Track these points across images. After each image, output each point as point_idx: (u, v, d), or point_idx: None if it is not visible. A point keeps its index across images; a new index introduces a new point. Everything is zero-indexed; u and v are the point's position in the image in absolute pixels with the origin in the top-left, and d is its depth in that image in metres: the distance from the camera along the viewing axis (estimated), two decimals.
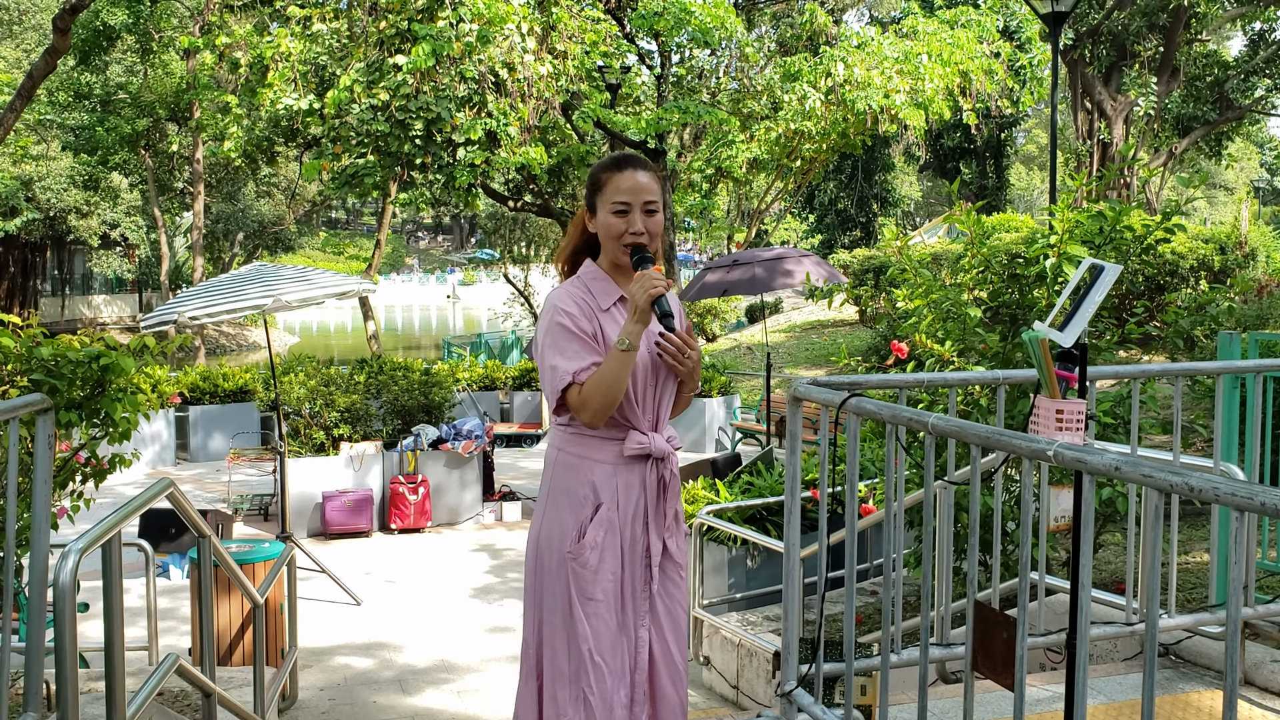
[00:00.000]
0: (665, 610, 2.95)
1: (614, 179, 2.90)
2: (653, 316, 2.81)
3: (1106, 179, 5.86)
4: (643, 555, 2.92)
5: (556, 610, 2.85)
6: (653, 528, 2.93)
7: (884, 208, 38.44)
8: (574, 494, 2.87)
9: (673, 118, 16.72)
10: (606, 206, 2.90)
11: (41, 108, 30.11)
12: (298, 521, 9.81)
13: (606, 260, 2.97)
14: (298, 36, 16.01)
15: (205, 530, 3.89)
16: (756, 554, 7.19)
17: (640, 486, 2.90)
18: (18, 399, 3.05)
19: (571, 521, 2.86)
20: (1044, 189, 65.06)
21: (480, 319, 52.29)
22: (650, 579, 2.93)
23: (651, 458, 2.91)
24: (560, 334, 2.84)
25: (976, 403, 5.53)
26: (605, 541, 2.84)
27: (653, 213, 2.89)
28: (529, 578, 2.94)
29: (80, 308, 42.01)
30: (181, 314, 8.41)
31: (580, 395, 2.78)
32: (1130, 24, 27.73)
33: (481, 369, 16.26)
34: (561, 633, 2.84)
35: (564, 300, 2.89)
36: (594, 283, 2.94)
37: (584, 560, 2.82)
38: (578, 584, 2.83)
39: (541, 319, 2.93)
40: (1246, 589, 3.86)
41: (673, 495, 2.97)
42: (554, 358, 2.81)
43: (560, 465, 2.92)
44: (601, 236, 2.94)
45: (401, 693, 6.25)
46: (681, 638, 3.00)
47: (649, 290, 2.77)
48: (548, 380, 2.84)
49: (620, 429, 2.89)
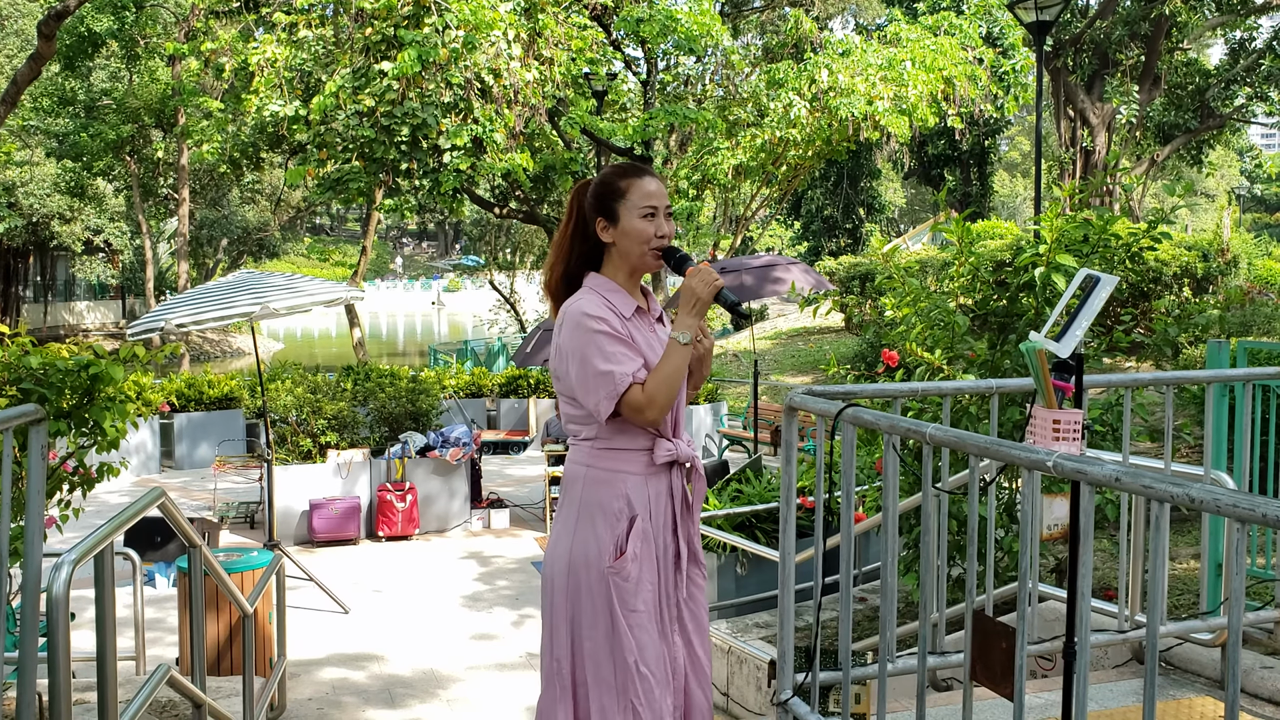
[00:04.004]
0: (692, 615, 2.99)
1: (637, 184, 2.92)
2: (706, 311, 2.86)
3: (1092, 187, 5.89)
4: (673, 561, 2.94)
5: (599, 625, 2.84)
6: (681, 533, 2.96)
7: (870, 214, 38.56)
8: (608, 508, 2.86)
9: (659, 122, 16.74)
10: (634, 211, 2.90)
11: (25, 113, 29.95)
12: (284, 529, 9.77)
13: (622, 268, 2.96)
14: (283, 43, 15.96)
15: (196, 540, 3.87)
16: (746, 561, 7.20)
17: (668, 494, 2.93)
18: (11, 410, 3.03)
19: (609, 536, 2.85)
20: (1027, 195, 65.36)
21: (465, 325, 52.21)
22: (679, 584, 2.96)
23: (678, 463, 2.94)
24: (605, 340, 2.81)
25: (966, 410, 5.55)
26: (643, 552, 2.85)
27: (671, 216, 2.95)
28: (559, 596, 2.90)
29: (63, 314, 41.75)
30: (168, 321, 8.37)
31: (645, 394, 2.78)
32: (1112, 32, 27.90)
33: (468, 376, 16.23)
34: (605, 646, 2.83)
35: (594, 308, 2.86)
36: (611, 294, 2.93)
37: (626, 574, 2.82)
38: (620, 597, 2.82)
39: (570, 332, 2.87)
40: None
41: (698, 499, 3.00)
42: (603, 364, 2.79)
43: (591, 481, 2.89)
44: (625, 243, 2.92)
45: (390, 702, 6.23)
46: (706, 640, 3.03)
47: (711, 283, 2.82)
48: (599, 387, 2.79)
49: (647, 437, 2.89)
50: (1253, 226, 48.54)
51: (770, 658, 5.33)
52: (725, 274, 12.03)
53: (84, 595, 5.95)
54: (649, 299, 3.06)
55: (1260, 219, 57.49)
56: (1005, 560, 5.29)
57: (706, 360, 3.02)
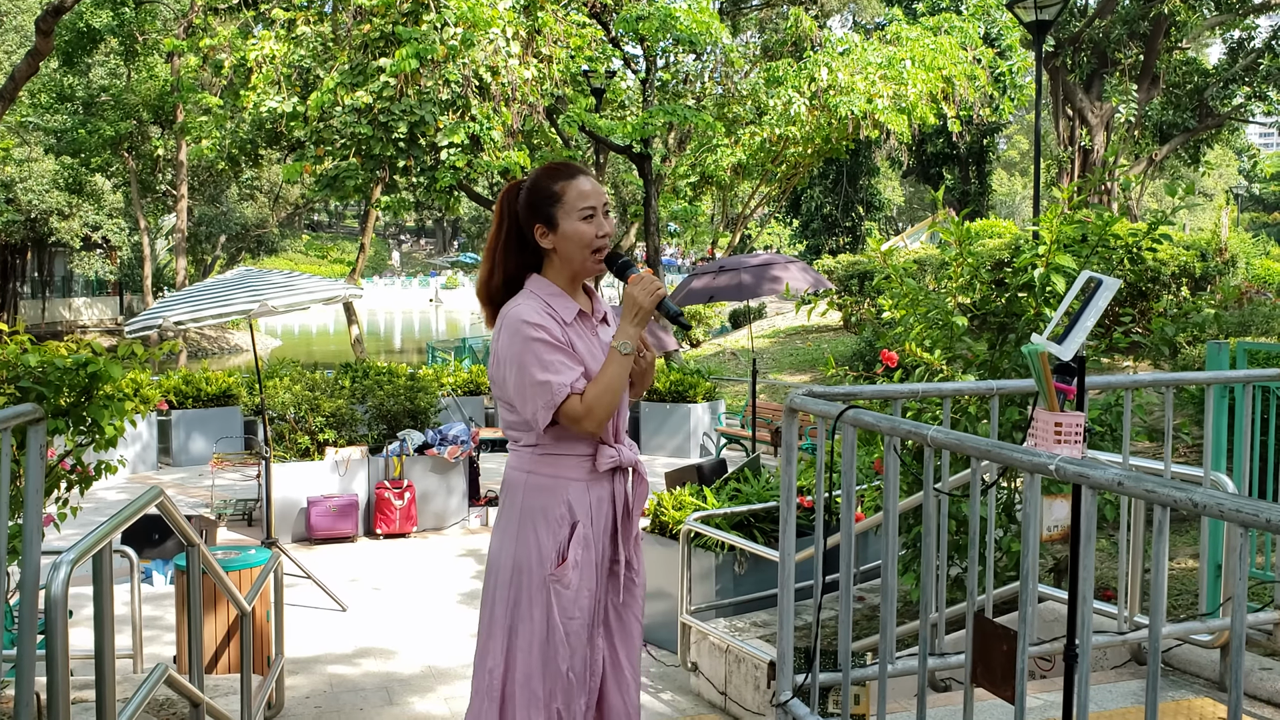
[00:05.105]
0: (619, 620, 2.95)
1: (571, 185, 2.84)
2: (650, 320, 2.81)
3: (1089, 186, 5.88)
4: (609, 567, 2.90)
5: (534, 634, 2.80)
6: (621, 540, 2.91)
7: (869, 212, 38.57)
8: (550, 514, 2.81)
9: (658, 121, 16.73)
10: (573, 214, 2.82)
11: (24, 109, 29.91)
12: (282, 527, 9.76)
13: (564, 273, 2.89)
14: (281, 39, 15.96)
15: (194, 539, 3.86)
16: (744, 560, 7.19)
17: (610, 500, 2.88)
18: (10, 409, 3.02)
19: (550, 544, 2.80)
20: (1025, 195, 65.39)
21: (463, 323, 52.18)
22: (616, 590, 2.92)
23: (620, 469, 2.89)
24: (542, 349, 2.75)
25: (965, 410, 5.55)
26: (583, 559, 2.81)
27: (609, 214, 2.89)
28: (500, 606, 2.85)
29: (61, 310, 41.70)
30: (166, 318, 8.36)
31: (583, 404, 2.74)
32: (1111, 32, 27.92)
33: (466, 374, 16.21)
34: (538, 656, 2.79)
35: (531, 315, 2.79)
36: (552, 298, 2.85)
37: (566, 581, 2.79)
38: (560, 604, 2.79)
39: (505, 338, 2.81)
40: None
41: (639, 503, 2.95)
42: (540, 374, 2.73)
43: (532, 488, 2.84)
44: (566, 247, 2.84)
45: (388, 699, 6.23)
46: (634, 649, 2.98)
47: (654, 292, 2.77)
48: (536, 396, 2.74)
49: (589, 444, 2.84)
50: (1250, 226, 48.60)
51: (769, 658, 5.33)
52: (724, 272, 12.03)
53: (82, 593, 5.95)
54: (593, 299, 2.99)
55: (1258, 218, 57.52)
56: (1004, 560, 5.29)
57: (649, 374, 2.94)
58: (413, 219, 75.71)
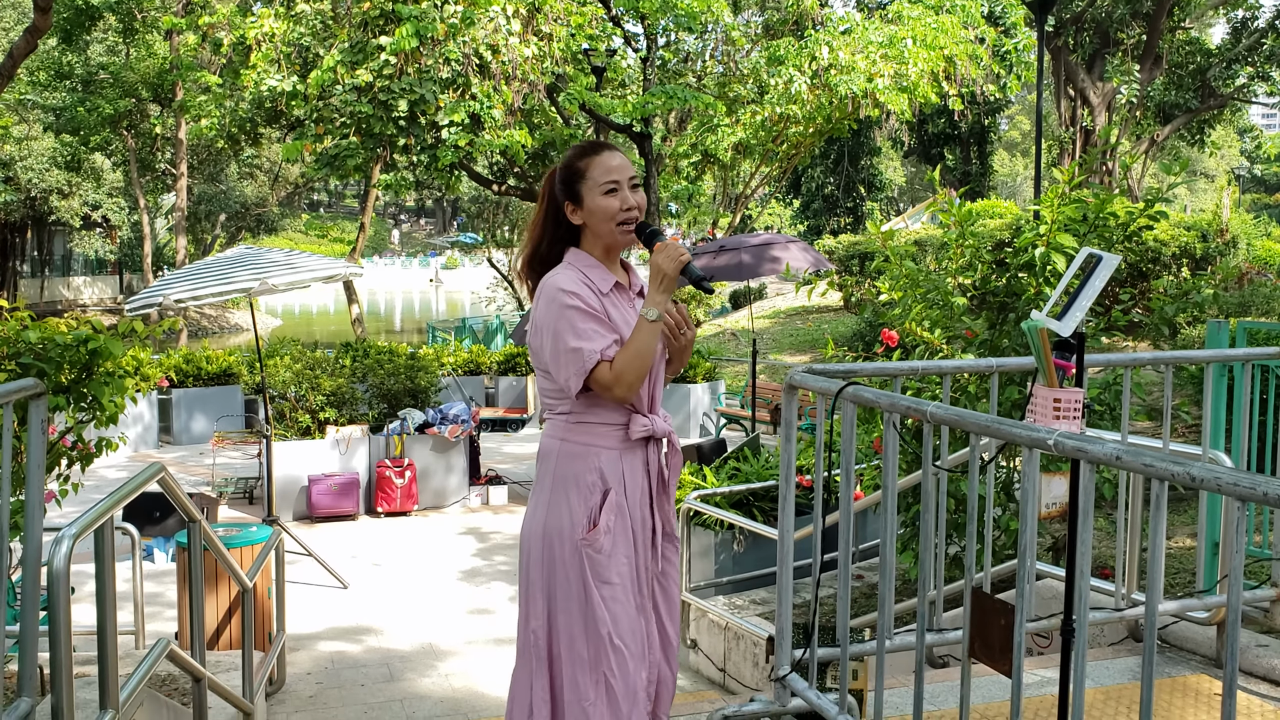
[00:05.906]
0: (664, 591, 3.01)
1: (595, 161, 2.91)
2: (674, 287, 2.84)
3: (1087, 164, 5.87)
4: (649, 537, 2.95)
5: (572, 597, 2.85)
6: (657, 509, 2.97)
7: (870, 192, 38.48)
8: (582, 481, 2.87)
9: (659, 101, 16.67)
10: (596, 190, 2.89)
11: (22, 87, 29.81)
12: (283, 505, 9.79)
13: (598, 246, 2.96)
14: (281, 17, 15.89)
15: (196, 515, 3.87)
16: (743, 538, 7.22)
17: (644, 469, 2.93)
18: (10, 384, 3.03)
19: (581, 509, 2.86)
20: (1027, 175, 65.25)
21: (463, 303, 52.16)
22: (655, 559, 2.98)
23: (653, 439, 2.94)
24: (577, 316, 2.82)
25: (964, 389, 5.56)
26: (617, 525, 2.86)
27: (637, 187, 2.93)
28: (535, 569, 2.92)
29: (60, 289, 41.66)
30: (166, 297, 8.36)
31: (613, 371, 2.78)
32: (1114, 11, 27.79)
33: (466, 353, 16.22)
34: (579, 619, 2.85)
35: (568, 283, 2.86)
36: (589, 269, 2.93)
37: (598, 546, 2.83)
38: (594, 569, 2.83)
39: (543, 306, 2.88)
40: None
41: (674, 475, 3.00)
42: (574, 340, 2.80)
43: (564, 455, 2.91)
44: (594, 222, 2.92)
45: (388, 676, 6.26)
46: (676, 616, 3.05)
47: (678, 258, 2.81)
48: (569, 363, 2.81)
49: (623, 413, 2.90)
50: (1252, 207, 48.43)
51: (768, 634, 5.36)
52: (724, 252, 12.02)
53: (84, 570, 5.97)
54: (630, 273, 3.06)
55: (1260, 199, 57.33)
56: (1002, 539, 5.31)
57: (687, 350, 3.00)
58: (413, 198, 75.47)
